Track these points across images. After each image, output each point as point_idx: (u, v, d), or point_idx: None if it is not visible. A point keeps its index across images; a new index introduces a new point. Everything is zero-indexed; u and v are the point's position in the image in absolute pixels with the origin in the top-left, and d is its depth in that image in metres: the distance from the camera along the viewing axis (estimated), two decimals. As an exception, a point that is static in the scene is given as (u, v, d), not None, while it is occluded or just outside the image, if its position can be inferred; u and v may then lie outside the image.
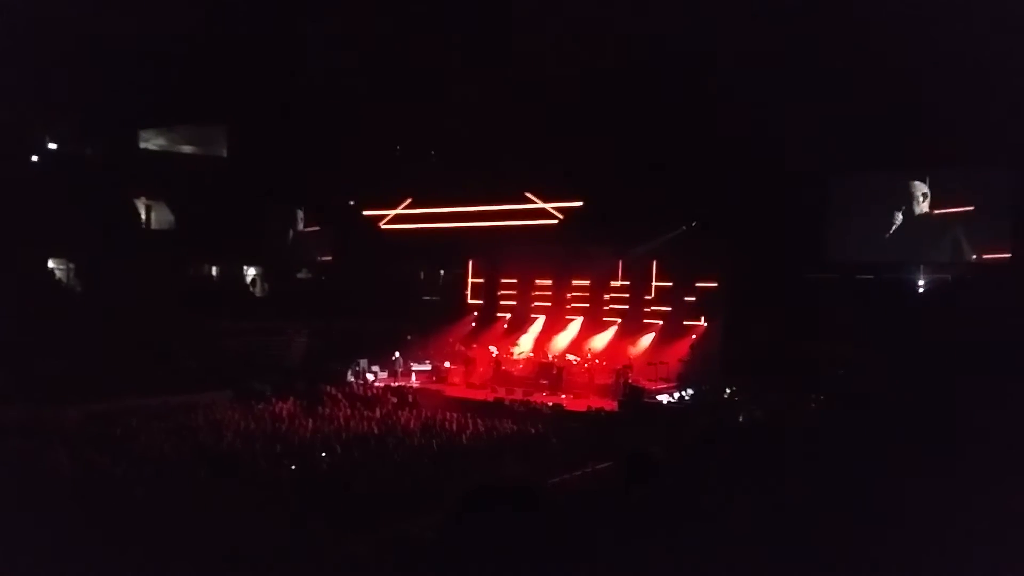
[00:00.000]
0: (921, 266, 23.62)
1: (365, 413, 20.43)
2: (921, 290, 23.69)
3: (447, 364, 27.11)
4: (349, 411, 20.57)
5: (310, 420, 19.27)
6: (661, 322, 26.06)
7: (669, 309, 26.13)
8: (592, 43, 21.43)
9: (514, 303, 30.06)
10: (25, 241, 24.97)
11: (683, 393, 22.24)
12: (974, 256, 22.30)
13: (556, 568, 9.04)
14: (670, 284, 26.38)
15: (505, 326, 29.37)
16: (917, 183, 22.97)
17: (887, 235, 23.46)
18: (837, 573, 9.45)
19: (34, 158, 27.84)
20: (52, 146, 28.25)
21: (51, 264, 28.56)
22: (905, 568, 9.49)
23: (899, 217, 23.24)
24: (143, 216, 31.02)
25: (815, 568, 9.46)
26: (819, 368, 21.44)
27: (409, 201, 29.09)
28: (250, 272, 34.97)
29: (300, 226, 34.05)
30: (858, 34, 19.16)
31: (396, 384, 25.05)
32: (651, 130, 23.36)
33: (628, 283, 27.37)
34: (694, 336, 25.00)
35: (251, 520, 12.03)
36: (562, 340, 27.64)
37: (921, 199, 22.94)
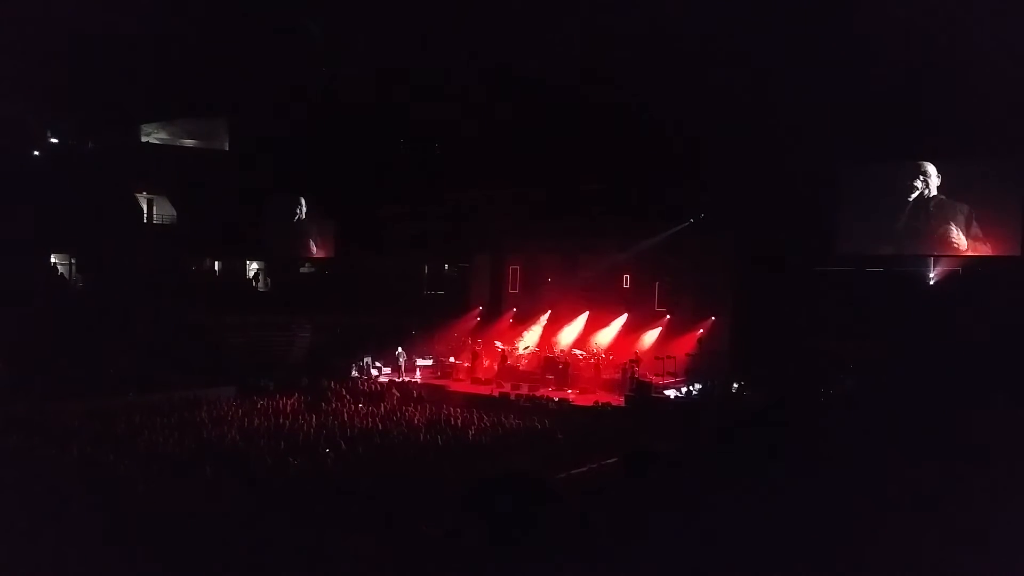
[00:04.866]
0: (932, 259, 23.27)
1: (369, 409, 20.27)
2: (932, 284, 23.35)
3: (452, 359, 26.92)
4: (353, 407, 20.40)
5: (314, 416, 19.10)
6: (668, 316, 25.78)
7: (676, 302, 25.85)
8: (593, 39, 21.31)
9: (519, 297, 29.81)
10: (27, 236, 24.88)
11: (691, 388, 22.03)
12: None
13: (563, 563, 8.82)
14: (677, 278, 26.11)
15: (511, 320, 29.13)
16: (929, 174, 22.59)
17: (896, 227, 23.10)
18: (841, 568, 9.24)
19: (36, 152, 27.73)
20: (53, 140, 28.14)
21: (54, 259, 28.45)
22: (910, 565, 9.27)
23: (908, 208, 22.87)
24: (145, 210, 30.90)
25: (819, 563, 9.24)
26: (829, 364, 21.20)
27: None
28: (253, 267, 34.80)
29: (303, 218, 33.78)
30: (866, 23, 18.92)
31: (401, 379, 24.87)
32: (655, 123, 23.16)
33: (635, 277, 27.09)
34: (702, 330, 24.71)
35: (256, 517, 11.87)
36: (568, 334, 27.38)
37: (933, 190, 22.57)
